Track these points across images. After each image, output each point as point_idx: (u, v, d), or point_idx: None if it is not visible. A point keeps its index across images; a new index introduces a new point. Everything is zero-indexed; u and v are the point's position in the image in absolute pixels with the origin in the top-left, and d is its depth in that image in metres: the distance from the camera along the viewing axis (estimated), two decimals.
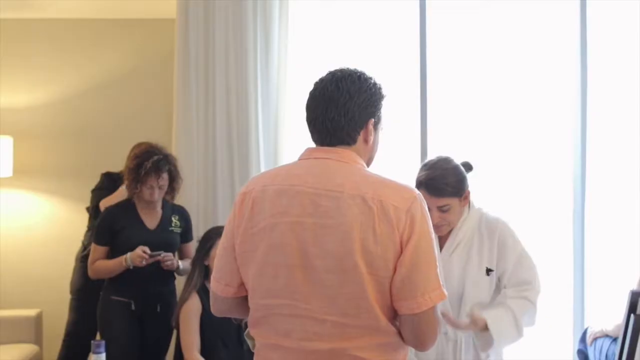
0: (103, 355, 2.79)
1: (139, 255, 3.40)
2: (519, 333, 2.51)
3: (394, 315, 1.75)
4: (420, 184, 2.53)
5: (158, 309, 3.62)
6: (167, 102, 4.46)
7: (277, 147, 4.23)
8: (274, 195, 1.76)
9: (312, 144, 1.87)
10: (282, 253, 1.73)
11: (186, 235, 3.76)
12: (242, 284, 1.84)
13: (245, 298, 1.86)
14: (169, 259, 3.49)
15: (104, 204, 3.81)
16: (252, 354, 1.93)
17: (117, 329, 3.51)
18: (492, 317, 2.45)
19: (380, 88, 1.85)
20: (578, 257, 4.38)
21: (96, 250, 3.57)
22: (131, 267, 3.43)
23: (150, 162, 3.48)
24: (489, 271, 2.56)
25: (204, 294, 3.36)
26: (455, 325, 2.46)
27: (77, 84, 4.87)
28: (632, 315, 2.95)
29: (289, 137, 4.20)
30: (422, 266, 1.68)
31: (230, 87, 4.17)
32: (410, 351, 2.52)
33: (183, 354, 3.34)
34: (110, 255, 3.56)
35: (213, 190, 4.19)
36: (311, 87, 1.88)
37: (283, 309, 1.75)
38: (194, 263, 3.49)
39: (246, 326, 2.39)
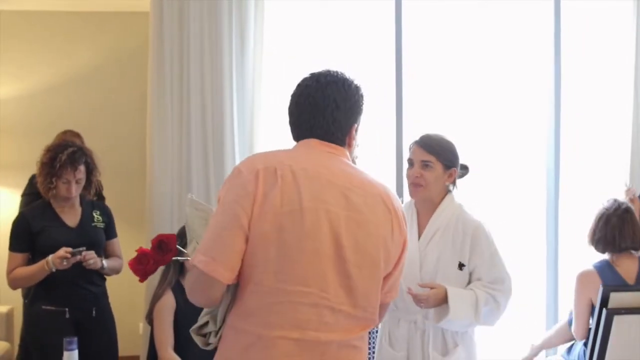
0: (75, 353, 2.74)
1: (60, 256, 3.11)
2: (476, 318, 2.54)
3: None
4: (415, 141, 2.71)
5: (94, 314, 3.36)
6: (141, 96, 4.41)
7: (253, 141, 4.20)
8: (307, 179, 1.72)
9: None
10: (314, 240, 1.70)
11: (110, 231, 3.48)
12: (239, 269, 1.71)
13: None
14: (91, 257, 3.19)
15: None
16: None
17: (53, 346, 2.98)
18: (453, 290, 2.52)
19: (361, 92, 1.88)
20: (551, 256, 4.43)
21: (13, 258, 3.26)
22: (54, 270, 3.14)
23: (65, 154, 3.22)
24: (461, 266, 2.61)
25: (179, 290, 3.33)
26: (418, 299, 2.49)
27: (49, 78, 4.80)
28: (604, 310, 2.99)
29: (265, 131, 4.17)
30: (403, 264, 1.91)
31: (205, 80, 4.13)
32: (386, 340, 2.69)
33: (157, 351, 3.31)
34: (32, 261, 3.27)
35: (187, 185, 4.16)
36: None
37: (302, 296, 1.71)
38: None
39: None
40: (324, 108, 1.80)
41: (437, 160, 2.63)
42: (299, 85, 1.86)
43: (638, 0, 4.24)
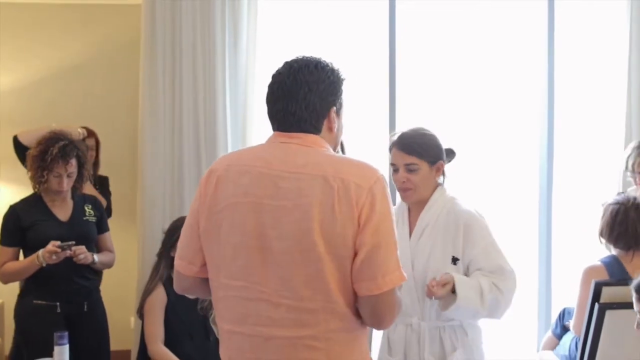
0: (66, 347, 2.73)
1: (49, 251, 3.09)
2: (483, 306, 2.43)
3: (353, 298, 1.74)
4: (393, 144, 2.56)
5: (85, 308, 3.35)
6: (132, 90, 4.38)
7: (245, 134, 4.20)
8: (237, 175, 1.77)
9: None
10: (241, 234, 1.73)
11: (101, 225, 3.47)
12: (204, 265, 1.84)
13: (207, 279, 1.86)
14: (81, 252, 3.17)
15: (22, 136, 3.66)
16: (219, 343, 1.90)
17: (44, 340, 2.95)
18: (459, 277, 2.43)
19: (338, 73, 1.84)
20: (543, 252, 4.43)
21: (4, 252, 3.25)
22: (44, 265, 3.13)
23: (57, 147, 3.19)
24: (455, 260, 2.51)
25: (170, 285, 3.30)
26: (431, 293, 2.40)
27: (41, 70, 4.77)
28: (596, 304, 3.00)
29: (257, 123, 4.17)
30: (383, 248, 1.69)
31: (197, 75, 4.12)
32: (384, 346, 2.59)
33: (146, 345, 3.30)
34: (24, 255, 3.28)
35: (179, 180, 4.15)
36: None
37: (240, 291, 1.75)
38: (160, 255, 3.44)
39: (212, 313, 2.37)
40: (297, 92, 1.76)
41: (421, 160, 2.51)
42: (273, 75, 1.85)
43: (632, 1, 4.24)
